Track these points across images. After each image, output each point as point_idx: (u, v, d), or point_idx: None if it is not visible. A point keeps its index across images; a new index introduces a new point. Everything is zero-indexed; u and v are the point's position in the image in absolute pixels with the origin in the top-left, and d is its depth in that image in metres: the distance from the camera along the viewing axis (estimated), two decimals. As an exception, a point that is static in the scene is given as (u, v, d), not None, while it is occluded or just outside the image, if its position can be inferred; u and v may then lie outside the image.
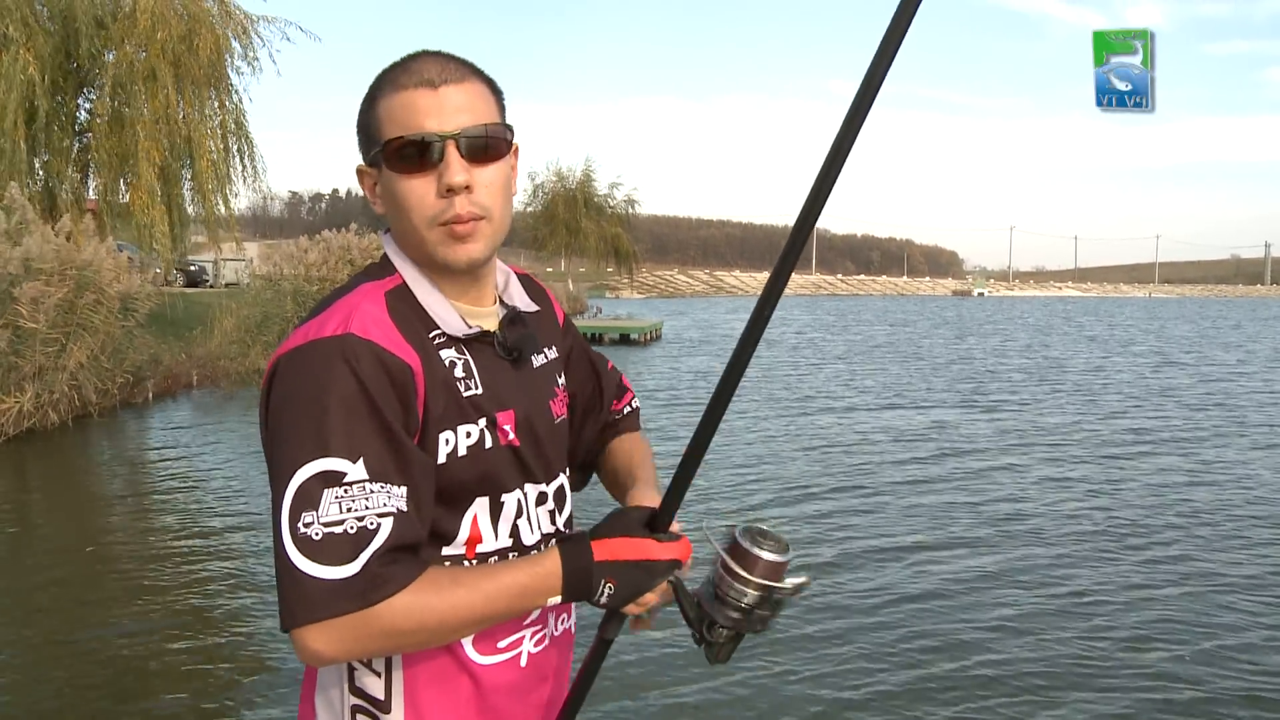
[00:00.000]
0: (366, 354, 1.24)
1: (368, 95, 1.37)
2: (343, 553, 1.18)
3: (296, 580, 1.18)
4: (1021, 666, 5.52)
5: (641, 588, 1.36)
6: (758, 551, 1.38)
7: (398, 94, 1.33)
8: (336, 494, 1.19)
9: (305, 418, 1.22)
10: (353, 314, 1.28)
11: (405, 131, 1.32)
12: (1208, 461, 11.83)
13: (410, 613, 1.22)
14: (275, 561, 1.21)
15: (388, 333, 1.28)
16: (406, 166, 1.33)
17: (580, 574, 1.33)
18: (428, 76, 1.33)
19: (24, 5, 18.55)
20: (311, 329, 1.28)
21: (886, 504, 9.38)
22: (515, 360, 1.44)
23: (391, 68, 1.36)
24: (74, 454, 12.72)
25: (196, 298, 25.26)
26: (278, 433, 1.26)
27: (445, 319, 1.37)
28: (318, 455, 1.20)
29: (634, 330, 32.98)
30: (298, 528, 1.19)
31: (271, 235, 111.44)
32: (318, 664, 1.26)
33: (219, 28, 20.34)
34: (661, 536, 1.37)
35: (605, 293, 79.71)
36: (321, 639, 1.18)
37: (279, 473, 1.23)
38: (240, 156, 21.56)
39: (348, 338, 1.24)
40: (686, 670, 5.35)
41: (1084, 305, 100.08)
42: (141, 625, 6.24)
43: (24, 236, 13.42)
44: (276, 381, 1.28)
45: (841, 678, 5.37)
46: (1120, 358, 29.47)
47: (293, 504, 1.20)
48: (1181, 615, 6.34)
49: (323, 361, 1.24)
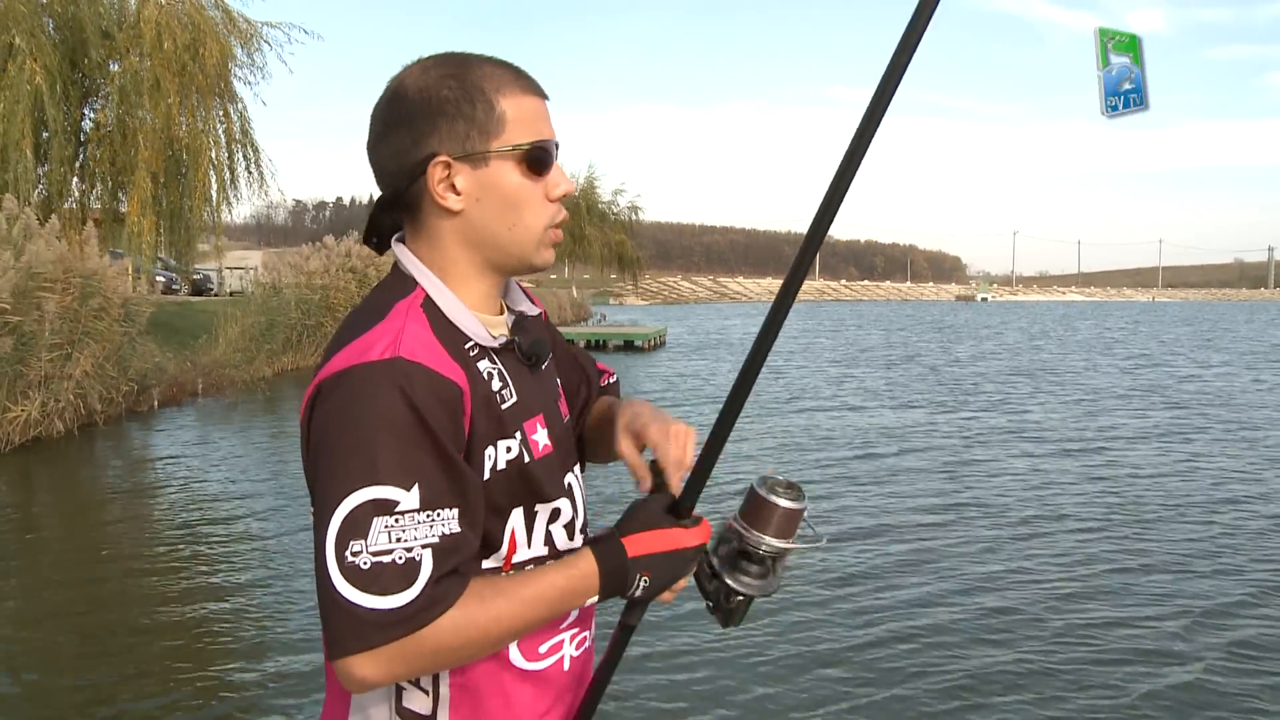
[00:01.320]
0: (419, 377, 1.22)
1: (469, 90, 1.32)
2: (392, 583, 1.17)
3: (344, 610, 1.17)
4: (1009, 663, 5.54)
5: (675, 576, 1.38)
6: (774, 499, 1.39)
7: (525, 98, 1.34)
8: (387, 523, 1.18)
9: (355, 444, 1.20)
10: (400, 336, 1.25)
11: (537, 137, 1.34)
12: (1187, 457, 11.91)
13: (457, 630, 1.22)
14: (319, 590, 1.19)
15: (435, 353, 1.26)
16: (535, 171, 1.34)
17: (616, 572, 1.34)
18: (540, 88, 1.37)
19: (32, 16, 18.63)
20: (355, 352, 1.25)
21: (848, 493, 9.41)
22: (533, 365, 1.44)
23: (489, 67, 1.35)
24: (80, 463, 12.74)
25: (201, 306, 25.33)
26: (323, 459, 1.23)
27: (474, 330, 1.35)
28: (368, 483, 1.18)
29: (638, 337, 32.99)
30: (345, 556, 1.17)
31: (276, 243, 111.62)
32: (364, 690, 1.23)
33: (224, 36, 20.39)
34: (686, 523, 1.38)
35: (609, 299, 79.84)
36: (370, 666, 1.18)
37: (326, 500, 1.20)
38: (246, 164, 21.59)
39: (398, 361, 1.22)
40: (697, 655, 5.36)
41: (1084, 309, 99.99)
42: (149, 634, 6.25)
43: (27, 245, 13.43)
44: (320, 406, 1.26)
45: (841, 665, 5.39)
46: (1104, 359, 29.69)
47: (340, 532, 1.18)
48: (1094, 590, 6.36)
49: (373, 387, 1.21)
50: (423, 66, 1.35)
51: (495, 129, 1.32)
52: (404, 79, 1.35)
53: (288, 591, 6.93)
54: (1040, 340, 41.85)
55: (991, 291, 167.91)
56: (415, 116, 1.32)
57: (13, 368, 12.72)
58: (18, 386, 12.80)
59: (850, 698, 5.21)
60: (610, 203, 46.50)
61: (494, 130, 1.32)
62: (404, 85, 1.34)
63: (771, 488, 1.40)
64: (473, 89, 1.32)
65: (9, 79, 18.05)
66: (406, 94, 1.33)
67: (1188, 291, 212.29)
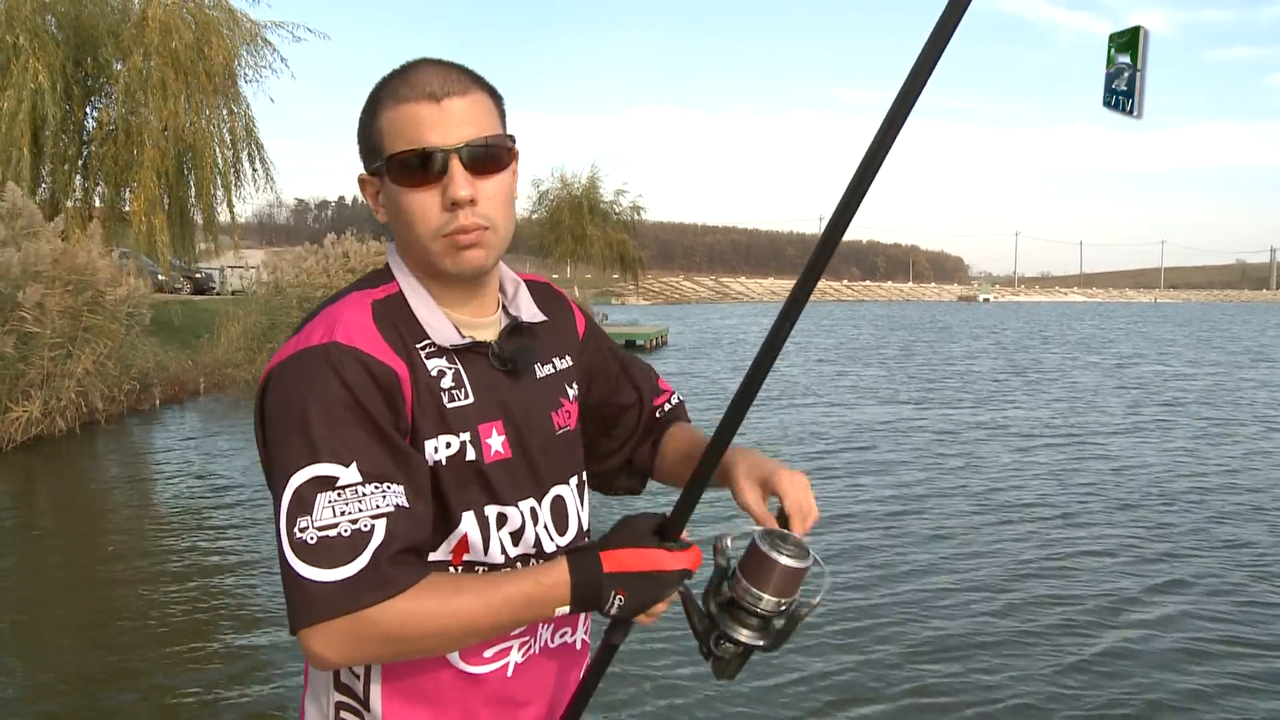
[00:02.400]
0: (350, 360, 1.26)
1: (368, 105, 1.37)
2: (338, 556, 1.20)
3: (296, 584, 1.20)
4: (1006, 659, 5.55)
5: (652, 598, 1.33)
6: (776, 555, 1.32)
7: (400, 106, 1.32)
8: (329, 498, 1.21)
9: (295, 426, 1.25)
10: (337, 322, 1.30)
11: (408, 145, 1.31)
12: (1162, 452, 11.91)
13: (409, 618, 1.22)
14: (280, 568, 1.23)
15: (372, 339, 1.30)
16: (410, 179, 1.33)
17: (589, 586, 1.31)
18: (430, 90, 1.32)
19: (35, 15, 18.67)
20: (300, 340, 1.31)
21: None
22: (510, 371, 1.43)
23: (391, 78, 1.36)
24: (82, 461, 12.75)
25: (203, 305, 25.34)
26: (271, 443, 1.29)
27: (437, 329, 1.37)
28: (309, 461, 1.22)
29: (639, 336, 32.99)
30: (294, 533, 1.21)
31: (278, 242, 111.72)
32: (323, 667, 1.27)
33: (228, 36, 20.40)
34: (671, 545, 1.34)
35: (611, 299, 79.78)
36: (322, 641, 1.20)
37: (275, 481, 1.26)
38: (250, 162, 21.62)
39: (332, 346, 1.27)
40: (688, 670, 5.36)
41: (1085, 310, 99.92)
42: (152, 631, 6.26)
43: (26, 242, 13.43)
44: (268, 393, 1.32)
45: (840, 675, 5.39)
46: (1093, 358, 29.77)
47: (289, 510, 1.22)
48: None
49: (308, 370, 1.26)
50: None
51: (377, 144, 1.35)
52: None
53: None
54: (1030, 340, 41.84)
55: (993, 292, 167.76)
56: (357, 133, 1.41)
57: (14, 366, 12.72)
58: (19, 385, 12.81)
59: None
60: (612, 203, 46.47)
61: (377, 146, 1.35)
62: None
63: (773, 544, 1.33)
64: (367, 107, 1.37)
65: (11, 79, 18.09)
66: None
67: (1190, 293, 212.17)
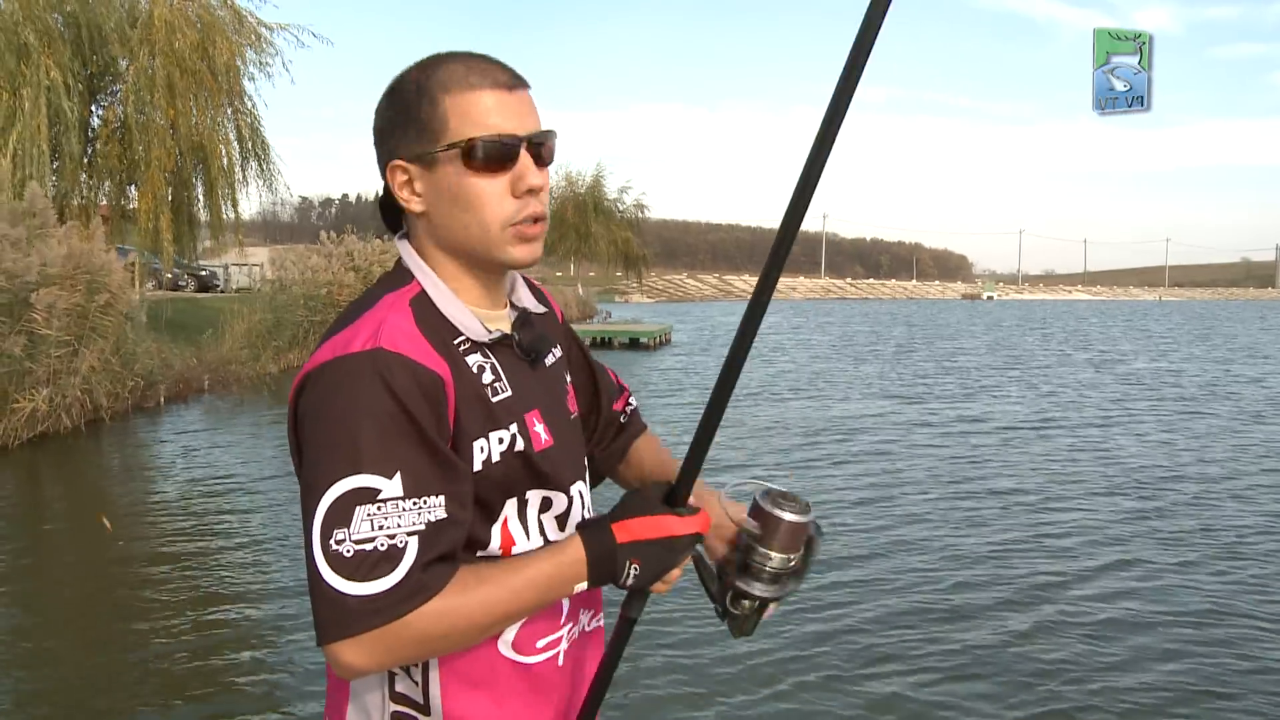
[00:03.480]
0: (399, 367, 1.24)
1: (421, 91, 1.34)
2: (374, 570, 1.19)
3: (329, 597, 1.20)
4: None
5: (666, 565, 1.37)
6: (779, 513, 1.39)
7: (472, 93, 1.32)
8: (369, 511, 1.20)
9: (338, 434, 1.22)
10: (381, 327, 1.28)
11: (484, 132, 1.32)
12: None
13: (440, 617, 1.23)
14: (308, 578, 1.22)
15: (417, 344, 1.28)
16: (485, 167, 1.32)
17: (605, 558, 1.33)
18: (502, 79, 1.34)
19: (44, 14, 18.76)
20: (339, 344, 1.28)
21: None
22: (532, 361, 1.46)
23: (449, 65, 1.35)
24: (87, 457, 12.79)
25: (208, 302, 25.35)
26: (309, 450, 1.26)
27: (467, 324, 1.37)
28: (351, 472, 1.21)
29: (643, 334, 32.96)
30: (329, 545, 1.20)
31: (283, 240, 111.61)
32: (352, 677, 1.26)
33: (233, 36, 20.43)
34: (681, 511, 1.37)
35: (615, 297, 79.73)
36: (355, 653, 1.20)
37: (311, 489, 1.23)
38: (256, 161, 21.65)
39: (378, 352, 1.24)
40: (707, 651, 5.38)
41: (1090, 307, 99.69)
42: (157, 627, 6.28)
43: (40, 242, 13.48)
44: (305, 398, 1.29)
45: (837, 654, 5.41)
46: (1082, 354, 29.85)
47: (324, 521, 1.21)
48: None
49: (354, 377, 1.24)
50: (404, 70, 1.39)
51: (439, 128, 1.33)
52: (389, 83, 1.39)
53: (297, 584, 6.96)
54: (1023, 336, 41.79)
55: (998, 290, 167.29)
56: (384, 120, 1.38)
57: (21, 365, 12.76)
58: (26, 383, 12.84)
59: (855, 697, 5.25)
60: (616, 200, 46.51)
61: (438, 130, 1.33)
62: (386, 89, 1.39)
63: (776, 501, 1.40)
64: (423, 90, 1.34)
65: (26, 78, 18.17)
66: (383, 98, 1.39)
67: (1195, 291, 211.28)
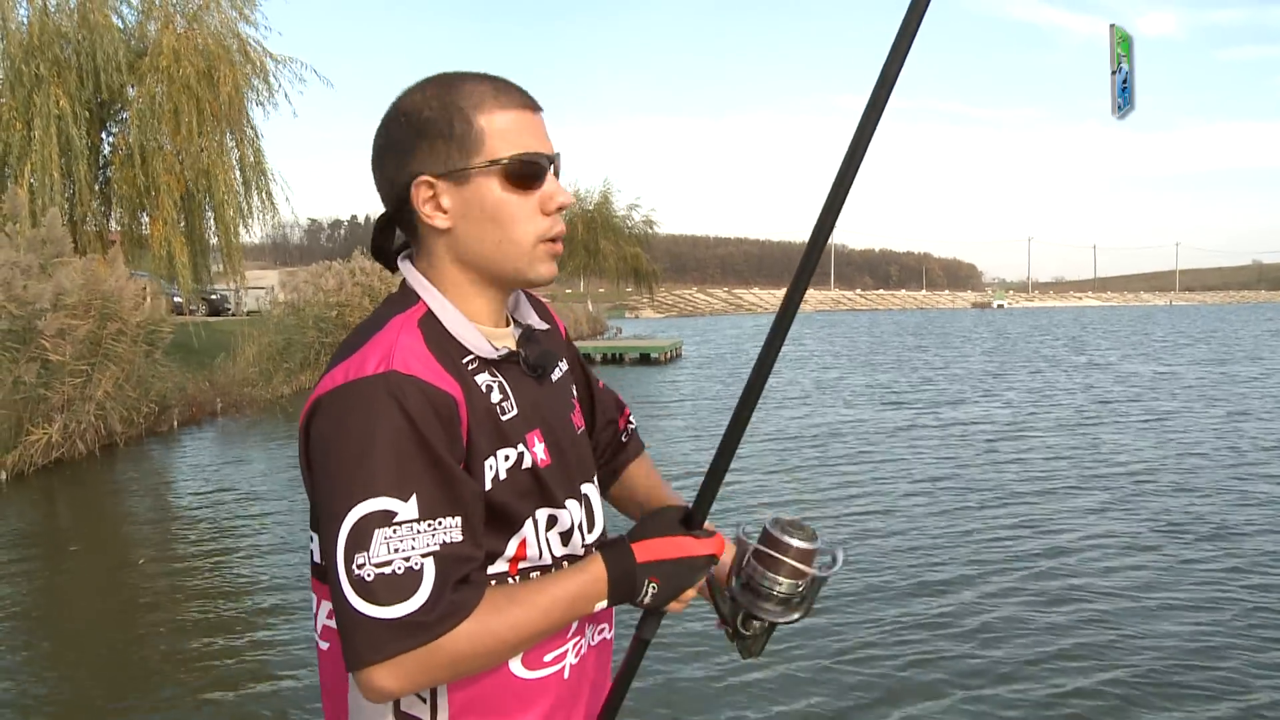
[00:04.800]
0: (412, 390, 1.24)
1: (448, 108, 1.34)
2: (398, 592, 1.20)
3: (357, 622, 1.20)
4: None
5: (684, 584, 1.40)
6: (788, 539, 1.42)
7: (505, 112, 1.35)
8: (386, 535, 1.20)
9: (354, 458, 1.22)
10: (393, 349, 1.28)
11: (520, 150, 1.34)
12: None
13: (474, 639, 1.24)
14: (336, 605, 1.23)
15: (429, 365, 1.28)
16: (521, 184, 1.35)
17: (625, 576, 1.36)
18: (528, 101, 1.38)
19: (53, 44, 19.00)
20: (351, 368, 1.27)
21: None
22: (539, 377, 1.46)
23: (474, 84, 1.36)
24: (102, 483, 12.83)
25: (219, 326, 25.46)
26: (324, 475, 1.26)
27: (475, 343, 1.37)
28: (367, 496, 1.21)
29: (654, 350, 33.02)
30: (352, 569, 1.20)
31: (292, 262, 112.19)
32: (383, 700, 1.26)
33: (239, 66, 20.59)
34: (698, 533, 1.41)
35: (624, 313, 79.91)
36: (388, 676, 1.20)
37: (330, 515, 1.23)
38: (258, 192, 21.80)
39: (391, 375, 1.24)
40: (717, 665, 5.37)
41: (1100, 314, 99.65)
42: (172, 648, 6.30)
43: (56, 270, 13.55)
44: (318, 422, 1.28)
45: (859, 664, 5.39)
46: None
47: (346, 546, 1.21)
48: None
49: (368, 400, 1.24)
50: (412, 89, 1.39)
51: (474, 146, 1.33)
52: (397, 102, 1.39)
53: (310, 606, 6.96)
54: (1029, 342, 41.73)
55: (1008, 298, 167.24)
56: (402, 138, 1.36)
57: (36, 392, 12.82)
58: (41, 410, 12.90)
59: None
60: (625, 217, 46.64)
61: (473, 147, 1.33)
62: (395, 108, 1.38)
63: (784, 529, 1.44)
64: (452, 107, 1.34)
65: (37, 108, 18.36)
66: (394, 117, 1.38)
67: (1206, 295, 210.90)
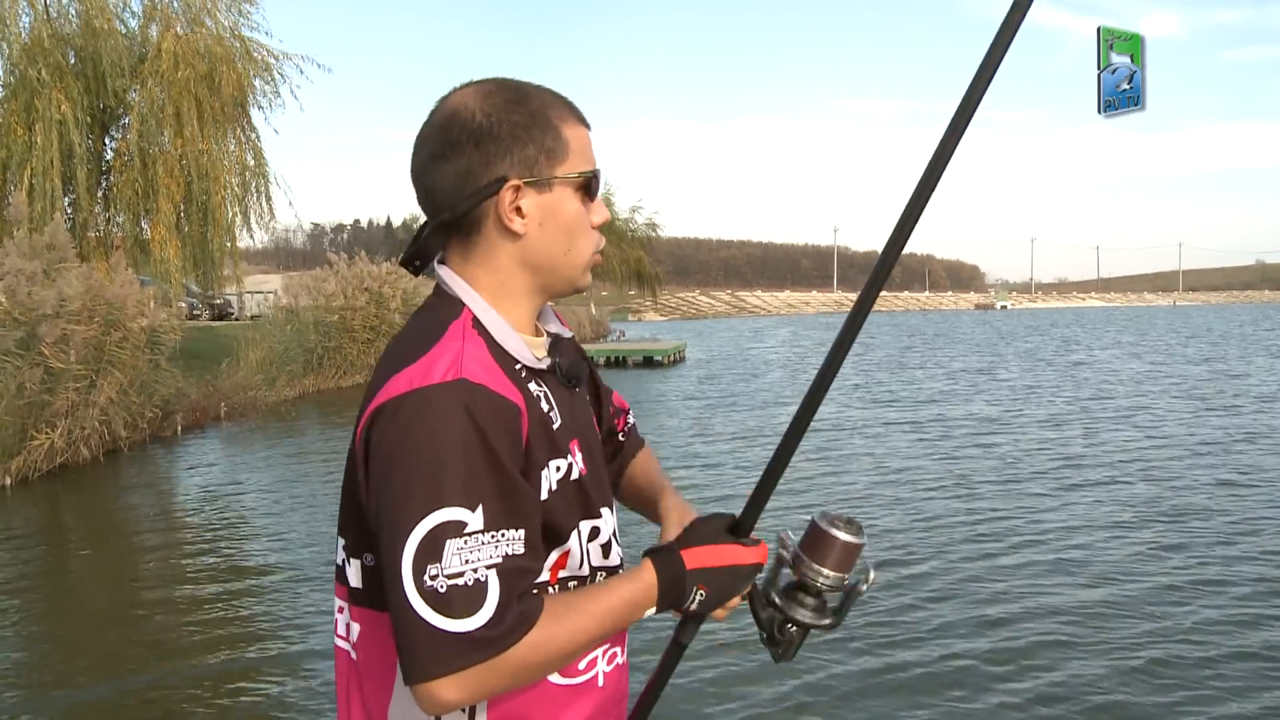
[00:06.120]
0: (482, 399, 1.24)
1: (535, 117, 1.37)
2: (468, 604, 1.19)
3: (427, 634, 1.18)
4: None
5: (730, 592, 1.42)
6: (835, 533, 1.43)
7: (580, 128, 1.42)
8: (458, 546, 1.19)
9: (424, 467, 1.21)
10: (461, 357, 1.27)
11: (591, 166, 1.41)
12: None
13: (536, 648, 1.24)
14: (397, 616, 1.21)
15: (494, 374, 1.28)
16: (589, 198, 1.42)
17: (675, 583, 1.38)
18: (586, 118, 1.44)
19: (55, 50, 19.01)
20: (415, 375, 1.26)
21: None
22: (573, 387, 1.47)
23: (546, 96, 1.40)
24: (106, 488, 12.83)
25: (223, 330, 25.48)
26: (392, 482, 1.23)
27: (521, 352, 1.37)
28: (439, 506, 1.20)
29: (657, 353, 32.98)
30: (423, 581, 1.19)
31: (295, 266, 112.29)
32: (444, 712, 1.25)
33: (240, 65, 20.60)
34: (745, 541, 1.43)
35: (628, 316, 79.81)
36: (452, 689, 1.19)
37: (397, 523, 1.21)
38: (259, 195, 21.81)
39: (462, 383, 1.24)
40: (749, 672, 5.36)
41: (1102, 314, 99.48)
42: (176, 653, 6.30)
43: (59, 276, 13.55)
44: (382, 428, 1.26)
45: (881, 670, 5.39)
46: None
47: (416, 557, 1.19)
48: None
49: (438, 409, 1.22)
50: (481, 91, 1.38)
51: (561, 156, 1.37)
52: (462, 102, 1.37)
53: (317, 610, 6.96)
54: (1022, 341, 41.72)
55: (1011, 299, 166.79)
56: (484, 139, 1.35)
57: (39, 398, 12.82)
58: (44, 416, 12.90)
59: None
60: (628, 220, 46.63)
61: (560, 157, 1.38)
62: (465, 108, 1.36)
63: (832, 522, 1.45)
64: (540, 116, 1.37)
65: (38, 114, 18.38)
66: (472, 117, 1.36)
67: (1209, 295, 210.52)
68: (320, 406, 20.68)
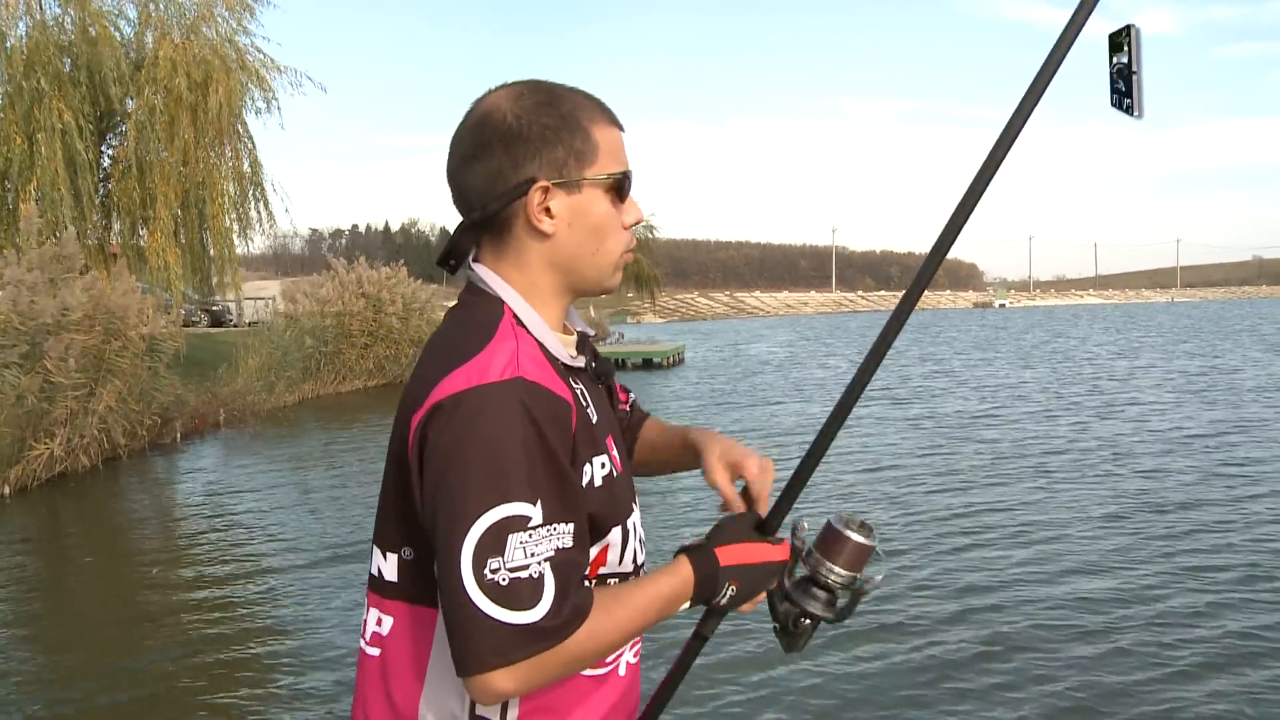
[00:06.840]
0: (539, 396, 1.27)
1: (566, 119, 1.40)
2: (530, 597, 1.22)
3: (488, 626, 1.20)
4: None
5: (758, 588, 1.50)
6: (849, 534, 1.51)
7: (612, 129, 1.44)
8: (522, 539, 1.22)
9: (485, 462, 1.23)
10: (517, 356, 1.30)
11: (622, 167, 1.44)
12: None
13: (588, 639, 1.27)
14: (454, 609, 1.23)
15: (546, 372, 1.32)
16: (620, 199, 1.44)
17: (708, 579, 1.43)
18: (619, 120, 1.46)
19: (54, 59, 19.05)
20: (472, 373, 1.28)
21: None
22: (604, 385, 1.53)
23: (578, 97, 1.43)
24: (105, 496, 12.84)
25: (221, 337, 25.49)
26: (451, 478, 1.25)
27: (559, 350, 1.40)
28: (502, 500, 1.22)
29: (656, 355, 32.96)
30: (484, 574, 1.21)
31: (294, 272, 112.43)
32: (496, 702, 1.31)
33: (236, 75, 20.62)
34: (772, 540, 1.50)
35: (626, 317, 79.78)
36: (508, 680, 1.22)
37: (457, 518, 1.23)
38: (256, 201, 21.82)
39: (519, 381, 1.27)
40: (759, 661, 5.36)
41: (1100, 311, 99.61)
42: (179, 659, 6.31)
43: (64, 286, 13.54)
44: (441, 426, 1.27)
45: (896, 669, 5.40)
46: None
47: (476, 551, 1.21)
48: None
49: (498, 405, 1.25)
50: (514, 93, 1.41)
51: (590, 158, 1.40)
52: (495, 104, 1.40)
53: (319, 611, 6.97)
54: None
55: (1009, 297, 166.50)
56: (514, 141, 1.38)
57: (39, 407, 12.81)
58: (43, 425, 12.90)
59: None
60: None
61: (589, 159, 1.40)
62: (498, 110, 1.40)
63: (847, 524, 1.53)
64: (570, 118, 1.40)
65: (41, 123, 18.39)
66: (503, 119, 1.39)
67: (1207, 291, 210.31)
68: (319, 412, 20.69)
